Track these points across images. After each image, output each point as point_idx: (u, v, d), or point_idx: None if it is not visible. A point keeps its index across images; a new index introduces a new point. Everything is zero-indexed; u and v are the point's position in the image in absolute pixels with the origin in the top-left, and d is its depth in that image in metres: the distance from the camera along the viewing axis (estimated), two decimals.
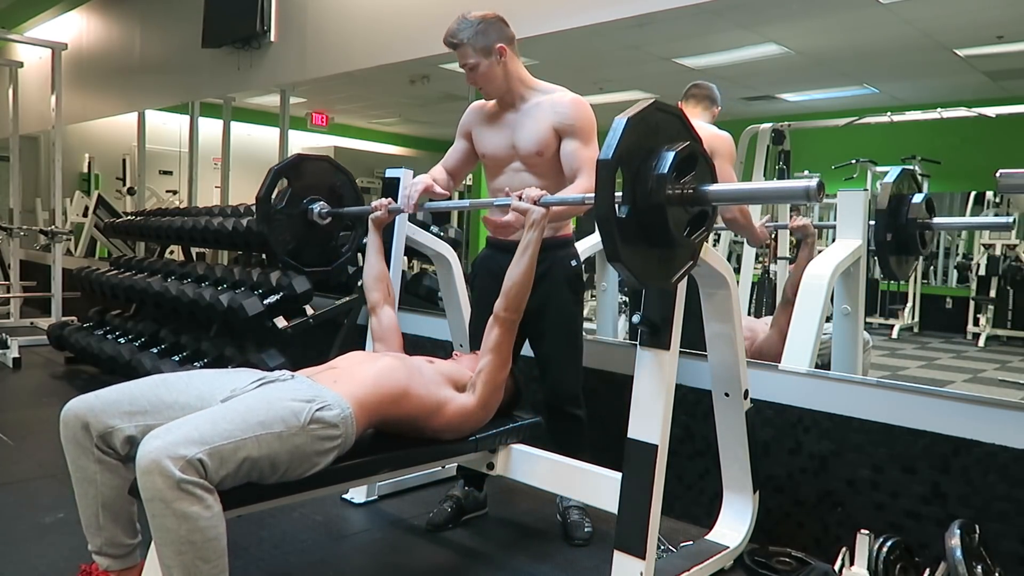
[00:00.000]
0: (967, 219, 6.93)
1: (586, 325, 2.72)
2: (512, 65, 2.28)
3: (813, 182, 1.51)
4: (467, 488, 2.54)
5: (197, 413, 1.51)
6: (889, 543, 1.95)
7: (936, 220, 2.64)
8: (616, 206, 1.53)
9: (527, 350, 2.54)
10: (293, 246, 2.70)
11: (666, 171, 1.54)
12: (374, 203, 2.38)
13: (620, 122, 1.54)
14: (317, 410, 1.60)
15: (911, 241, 2.57)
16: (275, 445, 1.51)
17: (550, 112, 2.23)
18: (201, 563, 1.39)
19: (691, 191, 1.60)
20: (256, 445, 1.48)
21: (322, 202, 2.68)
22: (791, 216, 4.35)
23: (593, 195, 1.58)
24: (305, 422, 1.57)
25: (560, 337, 2.35)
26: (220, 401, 1.63)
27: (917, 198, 2.58)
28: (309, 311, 3.40)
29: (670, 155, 1.56)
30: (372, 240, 2.37)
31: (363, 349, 2.72)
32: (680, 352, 1.86)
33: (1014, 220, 2.94)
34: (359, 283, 2.73)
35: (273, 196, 2.66)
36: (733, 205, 2.77)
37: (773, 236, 4.76)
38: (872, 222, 2.60)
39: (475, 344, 2.70)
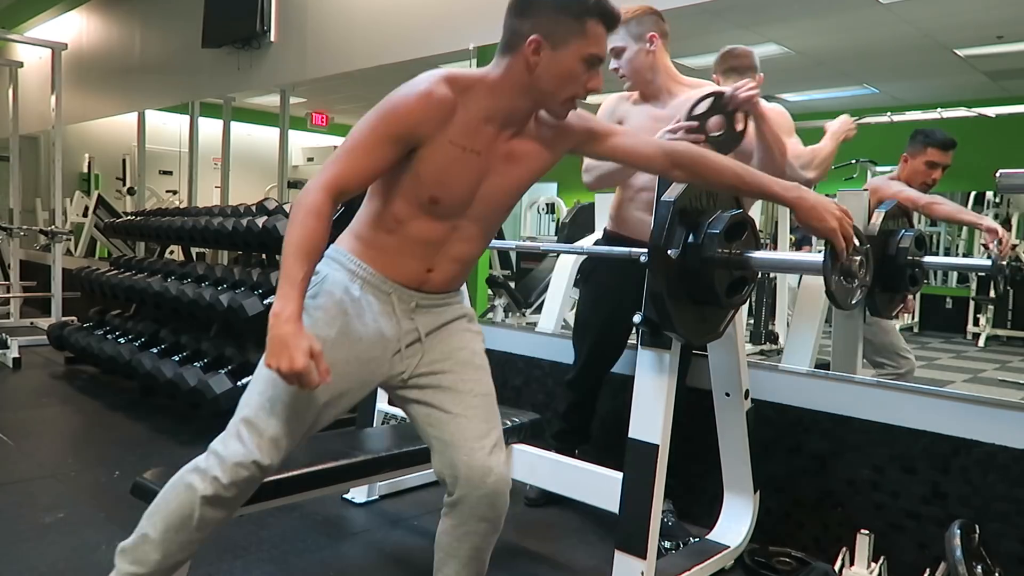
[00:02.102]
0: (958, 260, 6.89)
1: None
2: (661, 57, 2.19)
3: (855, 259, 1.63)
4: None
5: (474, 420, 1.43)
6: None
7: (928, 259, 2.53)
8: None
9: (530, 351, 2.55)
10: None
11: (719, 231, 1.69)
12: None
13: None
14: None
15: (899, 276, 2.47)
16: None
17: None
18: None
19: (738, 254, 1.73)
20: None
21: None
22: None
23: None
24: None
25: None
26: None
27: (909, 234, 2.50)
28: None
29: (726, 216, 1.71)
30: None
31: None
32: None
33: (1007, 264, 2.91)
34: None
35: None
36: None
37: (773, 237, 4.76)
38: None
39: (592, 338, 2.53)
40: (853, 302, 1.69)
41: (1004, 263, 2.57)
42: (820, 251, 1.61)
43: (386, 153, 1.31)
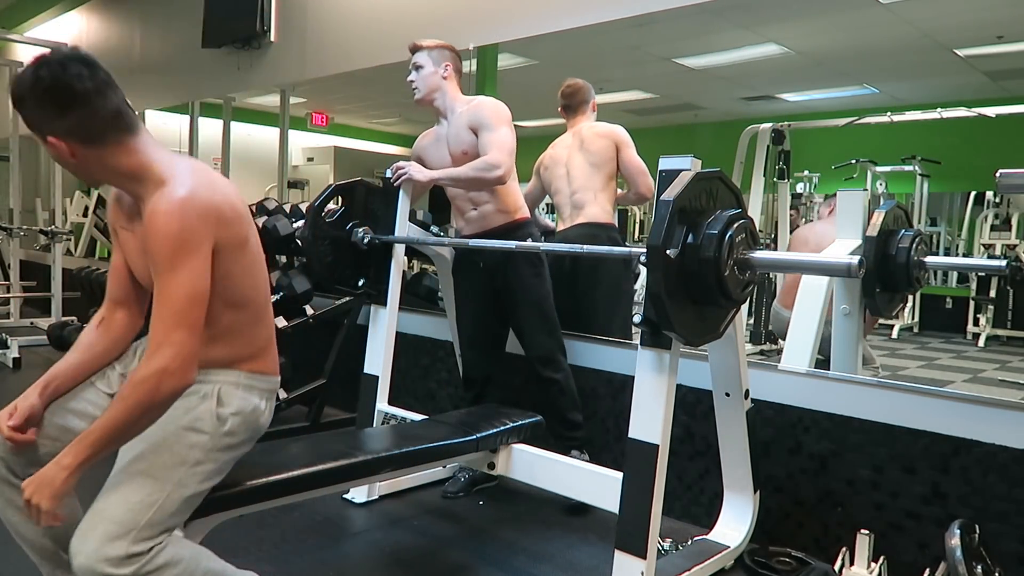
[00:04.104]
0: (961, 260, 6.87)
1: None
2: (452, 82, 2.65)
3: (855, 260, 1.66)
4: None
5: (107, 485, 1.36)
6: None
7: (929, 259, 2.55)
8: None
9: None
10: (331, 260, 2.71)
11: (718, 231, 1.70)
12: None
13: (687, 174, 1.72)
14: (216, 407, 1.45)
15: (899, 275, 2.50)
16: (200, 471, 1.40)
17: (466, 117, 2.56)
18: None
19: (740, 254, 1.75)
20: (182, 487, 1.36)
21: (366, 227, 2.69)
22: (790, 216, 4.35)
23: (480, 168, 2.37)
24: (213, 430, 1.43)
25: (526, 307, 2.64)
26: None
27: (908, 233, 2.52)
28: (309, 311, 3.41)
29: (725, 215, 1.73)
30: None
31: (364, 349, 2.73)
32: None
33: (1007, 265, 2.93)
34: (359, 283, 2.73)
35: (325, 210, 2.69)
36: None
37: (773, 237, 4.76)
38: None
39: (466, 345, 2.81)
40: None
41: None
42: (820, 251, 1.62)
43: None
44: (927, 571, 1.96)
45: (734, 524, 2.23)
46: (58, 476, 1.28)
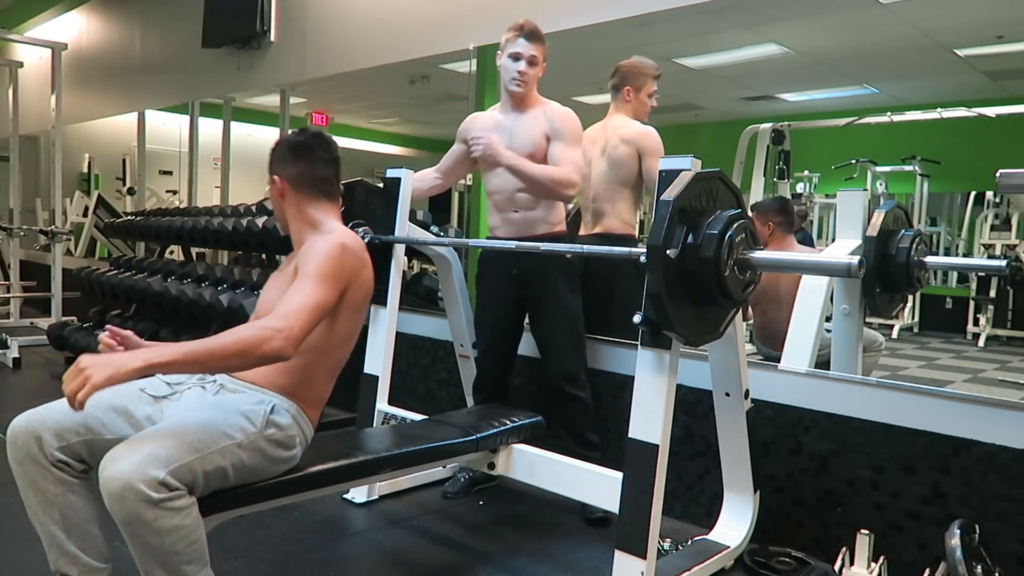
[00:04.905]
0: (961, 260, 6.86)
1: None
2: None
3: (855, 260, 1.67)
4: None
5: (157, 428, 1.49)
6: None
7: (929, 259, 2.55)
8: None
9: (531, 351, 2.54)
10: None
11: (718, 231, 1.71)
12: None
13: (687, 174, 1.72)
14: (270, 413, 1.60)
15: (899, 275, 2.49)
16: (238, 453, 1.51)
17: (543, 119, 2.49)
18: (185, 566, 1.38)
19: (740, 254, 1.76)
20: (221, 456, 1.47)
21: (366, 227, 2.68)
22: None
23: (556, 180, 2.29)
24: (261, 427, 1.57)
25: (560, 323, 2.56)
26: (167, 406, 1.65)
27: (908, 233, 2.52)
28: None
29: (726, 215, 1.74)
30: None
31: (364, 349, 2.73)
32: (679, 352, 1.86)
33: (1007, 265, 2.94)
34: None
35: None
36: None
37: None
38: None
39: (481, 349, 2.79)
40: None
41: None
42: (821, 251, 1.62)
43: None
44: (927, 571, 1.96)
45: (734, 524, 2.24)
46: (128, 362, 1.31)
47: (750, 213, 2.01)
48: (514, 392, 2.97)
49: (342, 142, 1.92)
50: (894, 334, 6.51)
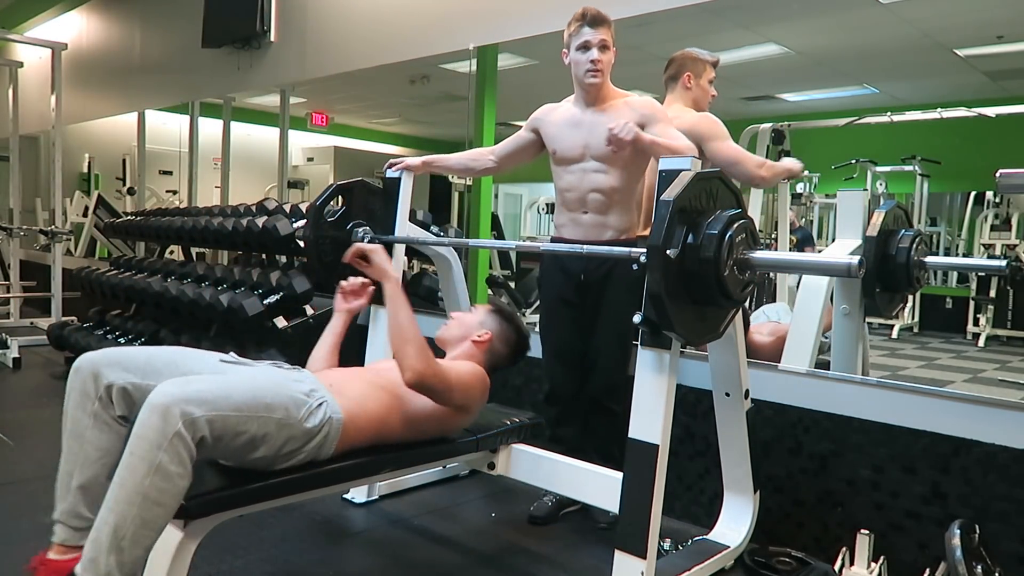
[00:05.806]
0: (961, 260, 6.85)
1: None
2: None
3: (855, 260, 1.67)
4: None
5: (213, 375, 1.60)
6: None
7: (929, 259, 2.54)
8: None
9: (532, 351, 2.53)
10: (331, 260, 2.71)
11: (718, 231, 1.71)
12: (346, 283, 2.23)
13: (687, 174, 1.72)
14: (317, 405, 1.65)
15: (899, 275, 2.49)
16: (271, 429, 1.56)
17: (628, 112, 2.30)
18: (140, 524, 1.37)
19: (740, 254, 1.76)
20: (257, 425, 1.52)
21: (367, 227, 2.68)
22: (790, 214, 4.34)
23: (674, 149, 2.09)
24: (304, 415, 1.62)
25: (615, 336, 2.43)
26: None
27: (908, 233, 2.52)
28: (309, 311, 3.40)
29: (726, 215, 1.74)
30: (333, 325, 2.26)
31: (362, 350, 2.73)
32: (680, 352, 1.86)
33: (1006, 265, 2.94)
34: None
35: (326, 209, 2.67)
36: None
37: (773, 237, 4.75)
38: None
39: (553, 358, 2.60)
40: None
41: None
42: (821, 251, 1.62)
43: None
44: (927, 571, 1.96)
45: (734, 524, 2.24)
46: (390, 273, 2.00)
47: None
48: (514, 392, 2.97)
49: (342, 142, 1.92)
50: (894, 334, 6.51)
